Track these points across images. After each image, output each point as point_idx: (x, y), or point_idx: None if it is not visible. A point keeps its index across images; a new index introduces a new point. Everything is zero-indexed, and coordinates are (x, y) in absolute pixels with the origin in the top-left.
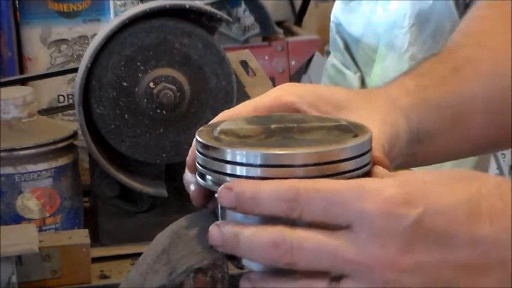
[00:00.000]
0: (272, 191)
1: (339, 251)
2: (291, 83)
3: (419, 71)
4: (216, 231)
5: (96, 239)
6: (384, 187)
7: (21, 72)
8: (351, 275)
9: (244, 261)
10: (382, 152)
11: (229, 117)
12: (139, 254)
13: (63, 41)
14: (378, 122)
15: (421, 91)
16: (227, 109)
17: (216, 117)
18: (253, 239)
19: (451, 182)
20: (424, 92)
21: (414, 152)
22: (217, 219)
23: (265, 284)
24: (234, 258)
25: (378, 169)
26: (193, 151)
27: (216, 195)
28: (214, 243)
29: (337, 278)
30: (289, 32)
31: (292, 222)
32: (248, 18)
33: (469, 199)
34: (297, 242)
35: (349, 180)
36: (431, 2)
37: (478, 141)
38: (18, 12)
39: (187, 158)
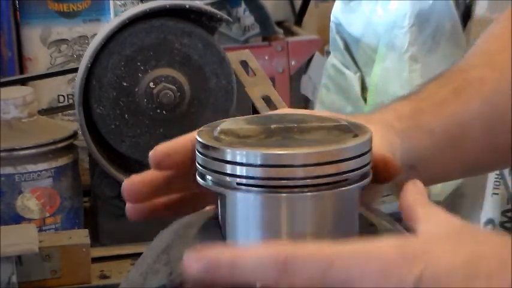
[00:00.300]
0: (259, 257)
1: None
2: (286, 109)
3: (420, 95)
4: (195, 264)
5: (96, 239)
6: (381, 249)
7: (21, 72)
8: None
9: None
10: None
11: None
12: (139, 254)
13: (63, 41)
14: (378, 139)
15: (414, 116)
16: (227, 109)
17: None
18: (254, 263)
19: (451, 243)
20: (418, 117)
21: (407, 176)
22: (218, 220)
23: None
24: None
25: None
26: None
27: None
28: (195, 276)
29: None
30: (289, 32)
31: None
32: (248, 18)
33: (468, 260)
34: (299, 261)
35: (343, 244)
36: (431, 2)
37: (475, 163)
38: (18, 12)
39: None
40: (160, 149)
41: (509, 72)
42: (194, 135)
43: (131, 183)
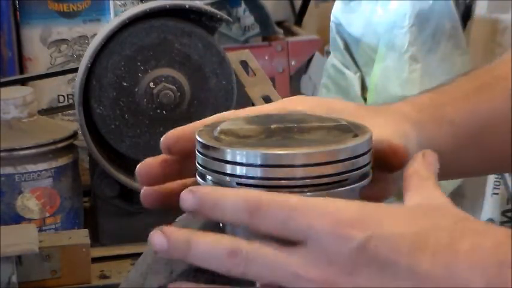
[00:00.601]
0: (235, 198)
1: (288, 265)
2: (300, 96)
3: (444, 88)
4: (160, 237)
5: (96, 239)
6: (339, 207)
7: (21, 72)
8: None
9: None
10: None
11: (234, 115)
12: (139, 254)
13: (63, 41)
14: (390, 131)
15: (434, 108)
16: (227, 109)
17: (217, 115)
18: (210, 247)
19: (410, 213)
20: (438, 109)
21: None
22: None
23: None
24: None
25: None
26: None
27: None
28: (157, 248)
29: None
30: (289, 32)
31: None
32: (248, 18)
33: (417, 231)
34: (251, 254)
35: (309, 198)
36: (431, 2)
37: (499, 162)
38: (18, 12)
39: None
40: (171, 134)
41: None
42: (203, 123)
43: (145, 164)
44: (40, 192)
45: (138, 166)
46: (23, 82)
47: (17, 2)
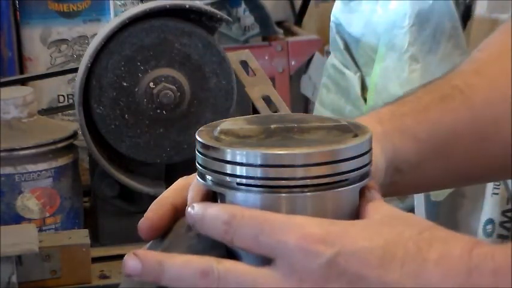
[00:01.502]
0: (213, 214)
1: (260, 283)
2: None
3: (404, 100)
4: (133, 260)
5: (96, 239)
6: (307, 223)
7: (21, 72)
8: None
9: None
10: None
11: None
12: None
13: (63, 41)
14: None
15: (395, 120)
16: (227, 109)
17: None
18: (182, 268)
19: (374, 226)
20: (399, 121)
21: (394, 181)
22: None
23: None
24: (234, 258)
25: (370, 192)
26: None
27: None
28: (131, 272)
29: None
30: (289, 32)
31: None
32: (248, 18)
33: (385, 244)
34: (223, 273)
35: (281, 215)
36: (431, 2)
37: (467, 174)
38: (18, 12)
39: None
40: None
41: (503, 82)
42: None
43: (146, 220)
44: (40, 192)
45: (139, 223)
46: (23, 82)
47: (17, 2)
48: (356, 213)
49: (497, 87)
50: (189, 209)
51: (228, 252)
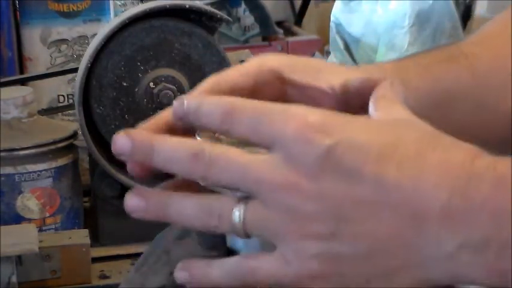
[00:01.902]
0: (212, 103)
1: (251, 169)
2: (269, 53)
3: (406, 57)
4: (123, 138)
5: (96, 239)
6: (307, 113)
7: (21, 72)
8: (258, 196)
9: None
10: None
11: (217, 82)
12: (139, 254)
13: (63, 41)
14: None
15: (399, 71)
16: None
17: (203, 84)
18: (173, 149)
19: (378, 124)
20: (403, 73)
21: None
22: None
23: (166, 198)
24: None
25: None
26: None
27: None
28: (120, 151)
29: (245, 200)
30: (289, 32)
31: None
32: (248, 18)
33: (384, 142)
34: (214, 157)
35: (279, 104)
36: (431, 2)
37: (462, 134)
38: (18, 12)
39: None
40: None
41: (502, 52)
42: (238, 70)
43: (140, 129)
44: (40, 192)
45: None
46: (23, 82)
47: (17, 2)
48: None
49: (500, 58)
50: (179, 101)
51: (229, 252)
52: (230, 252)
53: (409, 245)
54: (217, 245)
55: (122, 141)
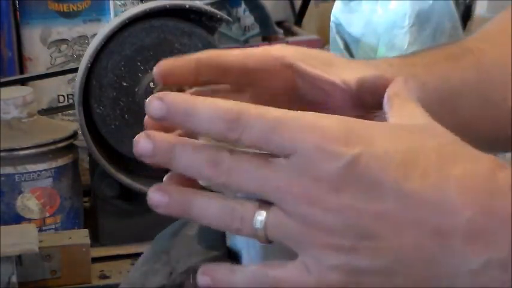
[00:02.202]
0: (212, 108)
1: (270, 176)
2: (284, 44)
3: (412, 54)
4: (145, 141)
5: (96, 239)
6: (327, 122)
7: (21, 72)
8: (279, 204)
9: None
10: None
11: (217, 56)
12: (139, 254)
13: (63, 41)
14: (369, 71)
15: (406, 67)
16: None
17: (203, 53)
18: (192, 155)
19: (397, 131)
20: (410, 68)
21: None
22: None
23: (190, 197)
24: (234, 258)
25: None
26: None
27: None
28: (141, 152)
29: (267, 206)
30: (289, 32)
31: None
32: (248, 18)
33: (407, 151)
34: (234, 164)
35: (294, 111)
36: (431, 2)
37: (469, 131)
38: (18, 12)
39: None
40: (164, 66)
41: (509, 48)
42: (198, 55)
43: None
44: (40, 192)
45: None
46: (23, 82)
47: (17, 2)
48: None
49: (506, 54)
50: (156, 99)
51: (229, 253)
52: (230, 252)
53: (432, 261)
54: (217, 244)
55: (143, 143)
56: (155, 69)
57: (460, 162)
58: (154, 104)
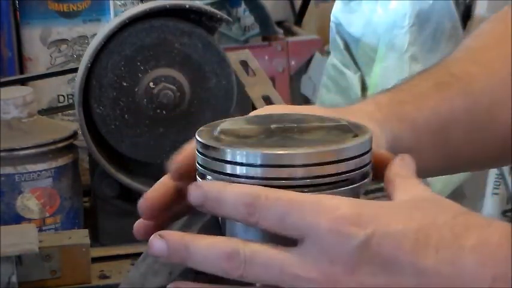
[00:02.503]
0: (235, 194)
1: (287, 266)
2: (272, 105)
3: (400, 87)
4: (159, 242)
5: (96, 239)
6: (339, 205)
7: (21, 72)
8: None
9: None
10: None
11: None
12: (139, 254)
13: (63, 41)
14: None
15: (394, 106)
16: (227, 109)
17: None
18: (208, 250)
19: (406, 209)
20: (398, 107)
21: None
22: (218, 220)
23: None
24: None
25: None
26: (186, 155)
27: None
28: (156, 254)
29: None
30: (289, 32)
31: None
32: (248, 18)
33: (419, 228)
34: (249, 256)
35: (309, 194)
36: (431, 2)
37: (457, 160)
38: (18, 12)
39: (170, 164)
40: (181, 160)
41: (497, 68)
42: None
43: (146, 200)
44: (40, 192)
45: (140, 202)
46: (23, 82)
47: (17, 2)
48: None
49: (495, 73)
50: (197, 188)
51: None
52: None
53: None
54: None
55: (158, 245)
56: (172, 165)
57: (472, 231)
58: (192, 191)
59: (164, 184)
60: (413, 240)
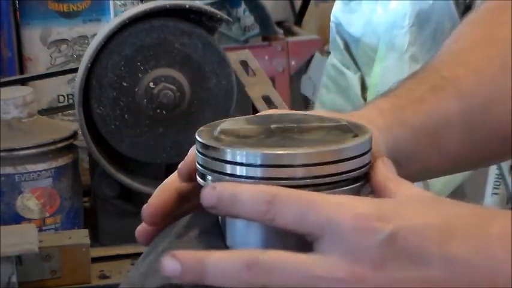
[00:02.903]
0: (251, 192)
1: (311, 269)
2: (275, 110)
3: (398, 92)
4: (172, 263)
5: (96, 239)
6: (359, 203)
7: (21, 72)
8: None
9: None
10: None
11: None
12: (139, 254)
13: (63, 41)
14: None
15: (395, 111)
16: (227, 109)
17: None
18: (225, 264)
19: (425, 205)
20: (399, 112)
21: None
22: (218, 220)
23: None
24: None
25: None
26: (189, 160)
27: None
28: (170, 274)
29: None
30: (289, 32)
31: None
32: (248, 18)
33: (443, 220)
34: (270, 263)
35: (328, 195)
36: (431, 2)
37: (456, 160)
38: (18, 12)
39: (180, 165)
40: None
41: (486, 67)
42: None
43: (149, 206)
44: (40, 192)
45: (143, 208)
46: (23, 82)
47: (17, 2)
48: None
49: (481, 72)
50: (209, 189)
51: None
52: None
53: None
54: (217, 245)
55: (171, 265)
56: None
57: (495, 220)
58: (206, 193)
59: (167, 190)
60: (439, 231)
